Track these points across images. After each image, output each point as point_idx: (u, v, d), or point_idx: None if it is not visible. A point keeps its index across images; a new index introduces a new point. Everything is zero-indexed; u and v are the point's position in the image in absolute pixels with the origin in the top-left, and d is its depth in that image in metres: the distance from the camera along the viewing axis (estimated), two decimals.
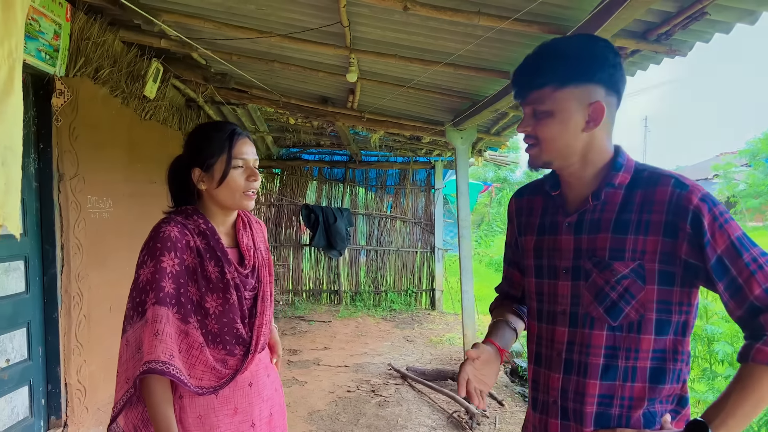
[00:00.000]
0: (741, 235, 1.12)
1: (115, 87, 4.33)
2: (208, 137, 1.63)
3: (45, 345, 3.49)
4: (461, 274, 5.69)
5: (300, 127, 7.80)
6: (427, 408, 4.48)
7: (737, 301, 1.11)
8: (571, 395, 1.26)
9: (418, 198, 8.90)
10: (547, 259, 1.34)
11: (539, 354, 1.35)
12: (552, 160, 1.27)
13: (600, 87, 1.20)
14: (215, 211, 1.68)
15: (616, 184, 1.24)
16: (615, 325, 1.20)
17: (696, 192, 1.14)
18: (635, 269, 1.18)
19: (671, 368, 1.20)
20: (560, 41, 1.25)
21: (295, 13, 3.44)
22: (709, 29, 2.63)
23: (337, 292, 8.89)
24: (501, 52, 3.50)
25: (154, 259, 1.52)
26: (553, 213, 1.35)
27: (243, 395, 1.67)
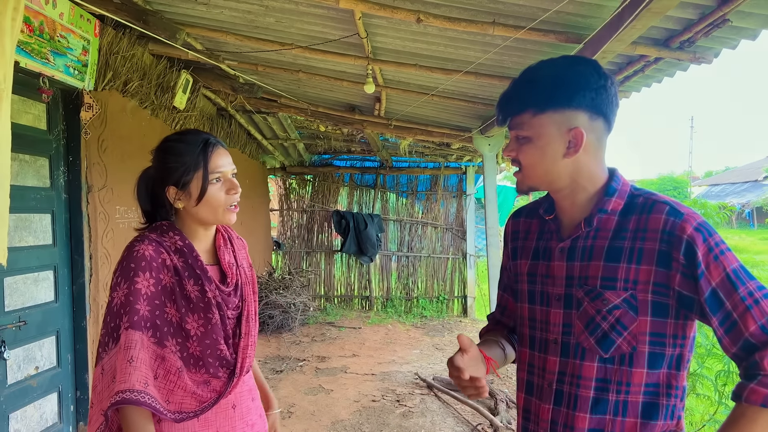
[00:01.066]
0: (737, 267, 1.06)
1: (144, 99, 4.44)
2: (179, 152, 1.51)
3: (74, 352, 3.60)
4: (490, 282, 5.62)
5: (330, 134, 7.85)
6: (451, 419, 4.43)
7: (732, 337, 1.05)
8: (561, 428, 1.21)
9: (449, 204, 8.84)
10: (540, 285, 1.30)
11: (531, 383, 1.31)
12: (536, 185, 1.23)
13: (581, 112, 1.15)
14: (195, 228, 1.59)
15: (609, 209, 1.19)
16: (606, 356, 1.16)
17: (691, 221, 1.09)
18: (627, 299, 1.13)
19: (664, 404, 1.15)
20: (543, 65, 1.21)
21: (314, 25, 3.46)
22: (734, 36, 2.53)
23: (369, 298, 8.90)
24: (522, 60, 3.44)
25: (128, 280, 1.43)
26: (547, 238, 1.31)
27: (225, 418, 1.59)
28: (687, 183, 34.00)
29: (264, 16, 3.44)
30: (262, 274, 7.98)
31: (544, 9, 2.63)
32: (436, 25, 2.82)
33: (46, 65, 3.10)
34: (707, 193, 32.33)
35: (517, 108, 1.20)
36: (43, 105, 3.31)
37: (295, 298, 7.54)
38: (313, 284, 8.86)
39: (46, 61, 3.11)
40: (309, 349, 6.58)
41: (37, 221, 3.28)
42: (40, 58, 3.05)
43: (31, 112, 3.24)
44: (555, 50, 3.14)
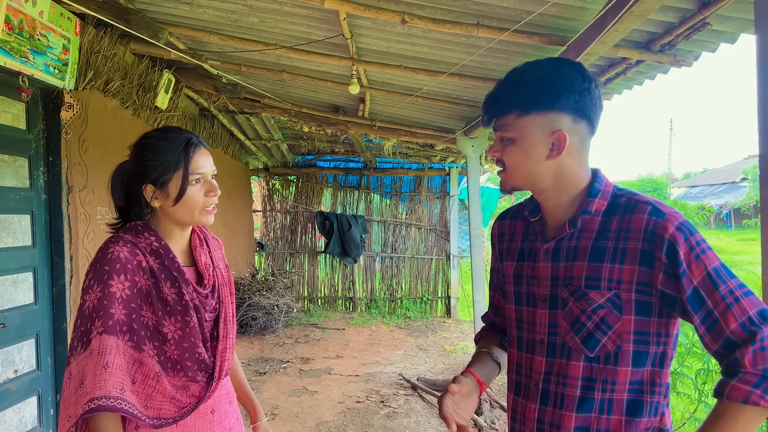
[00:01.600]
0: (718, 266, 1.07)
1: (126, 99, 4.39)
2: (160, 149, 1.47)
3: (54, 355, 3.54)
4: (473, 283, 5.64)
5: (314, 135, 7.83)
6: (435, 420, 4.44)
7: (713, 335, 1.07)
8: (547, 427, 1.22)
9: (433, 205, 8.87)
10: (526, 286, 1.31)
11: (519, 383, 1.32)
12: (519, 185, 1.24)
13: (564, 114, 1.16)
14: (170, 228, 1.54)
15: (592, 210, 1.20)
16: (592, 355, 1.17)
17: (673, 220, 1.10)
18: (611, 299, 1.14)
19: (649, 401, 1.16)
20: (528, 66, 1.22)
21: (298, 25, 3.45)
22: (714, 39, 2.57)
23: (352, 299, 8.89)
24: (506, 62, 3.47)
25: (102, 283, 1.38)
26: (532, 239, 1.32)
27: (204, 423, 1.56)
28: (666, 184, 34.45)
29: (248, 15, 3.42)
30: (245, 276, 7.93)
31: (527, 11, 2.65)
32: (421, 27, 2.83)
33: (25, 64, 3.06)
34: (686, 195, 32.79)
35: (501, 109, 1.20)
36: (22, 104, 3.26)
37: (279, 300, 7.50)
38: (296, 285, 8.83)
39: (26, 60, 3.06)
40: (292, 350, 6.55)
41: (16, 222, 3.23)
42: (19, 56, 3.00)
43: (10, 112, 3.19)
44: (538, 52, 3.17)
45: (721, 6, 2.13)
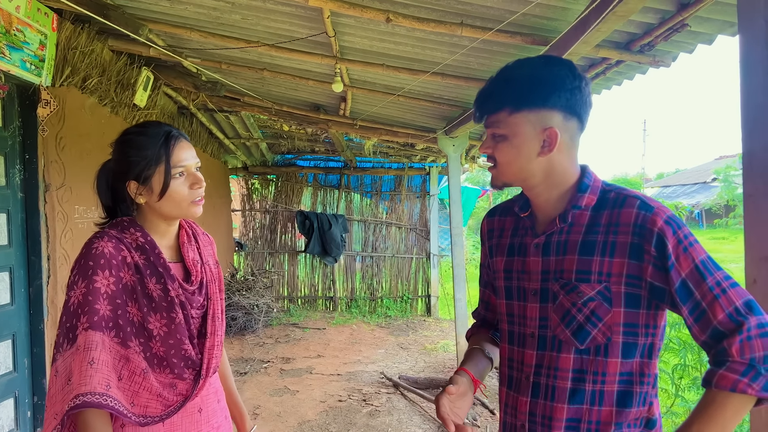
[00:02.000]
0: (705, 258, 1.10)
1: (104, 96, 4.32)
2: (140, 145, 1.45)
3: (31, 357, 3.48)
4: (454, 282, 5.67)
5: (294, 134, 7.80)
6: (418, 417, 4.46)
7: (701, 325, 1.09)
8: (539, 419, 1.24)
9: (413, 204, 8.89)
10: (516, 280, 1.32)
11: (510, 377, 1.34)
12: (510, 181, 1.26)
13: (556, 112, 1.18)
14: (157, 223, 1.53)
15: (582, 205, 1.22)
16: (582, 348, 1.19)
17: (661, 214, 1.13)
18: (601, 291, 1.16)
19: (638, 391, 1.19)
20: (520, 64, 1.24)
21: (281, 23, 3.43)
22: (692, 40, 2.63)
23: (333, 299, 8.87)
24: (488, 61, 3.49)
25: (86, 279, 1.37)
26: (522, 234, 1.34)
27: (191, 422, 1.54)
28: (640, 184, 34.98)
29: (230, 13, 3.40)
30: (225, 276, 7.87)
31: (510, 11, 2.68)
32: (405, 25, 2.84)
33: (1, 60, 3.00)
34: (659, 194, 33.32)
35: (493, 106, 1.22)
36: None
37: (258, 300, 7.46)
38: (276, 285, 8.78)
39: (2, 56, 3.00)
40: (273, 350, 6.52)
41: None
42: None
43: None
44: (521, 52, 3.20)
45: (700, 8, 2.17)
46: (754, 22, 1.20)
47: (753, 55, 1.22)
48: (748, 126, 1.23)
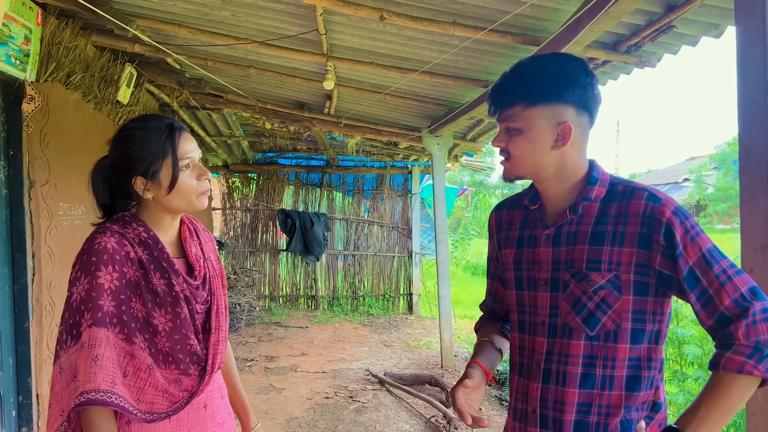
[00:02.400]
0: (711, 247, 1.15)
1: (87, 92, 4.27)
2: (143, 139, 1.43)
3: (16, 355, 3.42)
4: (438, 279, 5.73)
5: (276, 132, 7.77)
6: (405, 413, 4.49)
7: (708, 311, 1.14)
8: (551, 404, 1.28)
9: (395, 203, 8.93)
10: (526, 271, 1.36)
11: (521, 364, 1.38)
12: (523, 174, 1.30)
13: (569, 107, 1.23)
14: (161, 218, 1.52)
15: (592, 197, 1.27)
16: (592, 334, 1.23)
17: (669, 205, 1.18)
18: (611, 280, 1.21)
19: (646, 375, 1.24)
20: (534, 60, 1.28)
21: (271, 20, 3.44)
22: (677, 42, 2.71)
23: (315, 298, 8.86)
24: (477, 61, 3.55)
25: (89, 274, 1.35)
26: (531, 226, 1.38)
27: (197, 418, 1.53)
28: None
29: (219, 9, 3.39)
30: None
31: (502, 11, 2.73)
32: (398, 24, 2.87)
33: None
34: None
35: (509, 101, 1.25)
36: None
37: (240, 299, 7.43)
38: (257, 284, 8.75)
39: None
40: (256, 349, 6.50)
41: None
42: None
43: None
44: (510, 51, 3.26)
45: (688, 10, 2.25)
46: (751, 22, 1.26)
47: (750, 54, 1.28)
48: (745, 122, 1.29)
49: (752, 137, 1.26)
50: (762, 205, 1.26)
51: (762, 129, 1.23)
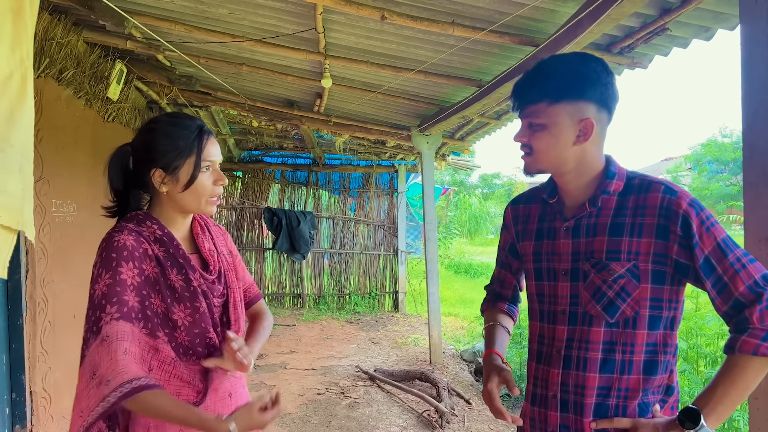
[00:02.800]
0: (725, 237, 1.22)
1: (78, 88, 4.25)
2: (173, 135, 1.47)
3: (9, 352, 3.40)
4: (427, 277, 5.79)
5: (263, 130, 7.77)
6: (397, 408, 4.55)
7: (723, 297, 1.21)
8: (572, 388, 1.34)
9: (381, 201, 8.98)
10: (546, 262, 1.43)
11: (540, 352, 1.44)
12: (545, 168, 1.36)
13: (591, 104, 1.29)
14: (173, 215, 1.55)
15: (610, 191, 1.33)
16: (612, 321, 1.30)
17: (685, 197, 1.25)
18: (630, 269, 1.28)
19: (662, 360, 1.30)
20: (557, 59, 1.34)
21: (269, 18, 3.46)
22: (668, 44, 2.80)
23: (301, 296, 8.87)
24: (471, 60, 3.61)
25: (111, 270, 1.37)
26: (550, 219, 1.44)
27: (224, 406, 1.56)
28: None
29: (217, 7, 3.40)
30: None
31: (500, 12, 2.79)
32: (398, 23, 2.92)
33: None
34: None
35: (533, 97, 1.31)
36: None
37: None
38: None
39: None
40: None
41: None
42: None
43: None
44: (505, 51, 3.33)
45: (682, 13, 2.33)
46: (756, 23, 1.34)
47: (755, 54, 1.35)
48: (749, 120, 1.36)
49: (756, 135, 1.34)
50: (765, 198, 1.33)
51: (765, 127, 1.31)
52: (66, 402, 3.95)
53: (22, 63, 1.26)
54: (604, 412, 1.31)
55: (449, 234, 18.18)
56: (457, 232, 18.78)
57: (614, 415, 1.30)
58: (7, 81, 1.22)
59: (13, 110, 1.27)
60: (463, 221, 22.00)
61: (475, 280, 13.04)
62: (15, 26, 1.20)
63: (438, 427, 4.12)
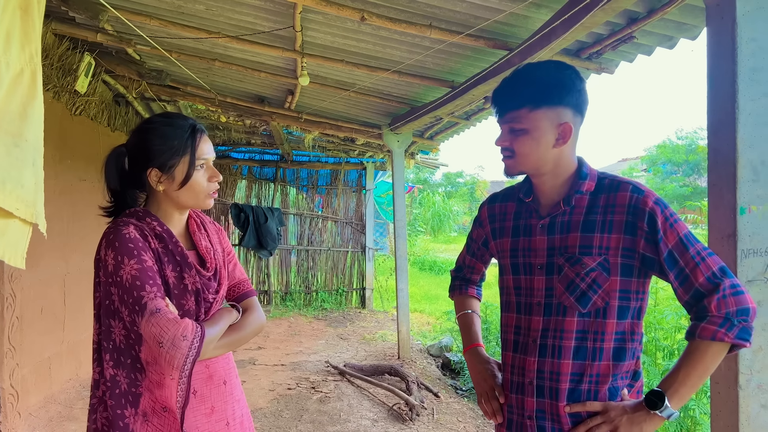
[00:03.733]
0: (687, 232, 1.34)
1: (46, 81, 4.18)
2: (167, 135, 1.51)
3: None
4: (397, 273, 5.88)
5: (231, 125, 7.72)
6: (367, 402, 4.62)
7: (685, 288, 1.32)
8: (547, 375, 1.44)
9: (349, 198, 9.03)
10: (522, 257, 1.52)
11: (516, 342, 1.53)
12: (526, 170, 1.47)
13: (568, 109, 1.39)
14: (171, 212, 1.59)
15: (583, 190, 1.44)
16: (584, 311, 1.40)
17: (651, 196, 1.36)
18: (601, 263, 1.38)
19: (629, 347, 1.41)
20: (534, 67, 1.44)
21: (246, 15, 3.48)
22: (634, 51, 2.94)
23: (267, 293, 8.86)
24: (444, 62, 3.70)
25: (135, 257, 1.42)
26: (527, 217, 1.54)
27: (218, 394, 1.61)
28: None
29: (193, 2, 3.40)
30: None
31: (475, 16, 2.89)
32: (376, 24, 2.98)
33: None
34: None
35: (515, 104, 1.40)
36: None
37: None
38: None
39: None
40: None
41: None
42: None
43: None
44: (478, 54, 3.43)
45: (648, 22, 2.47)
46: (722, 37, 1.46)
47: (720, 66, 1.47)
48: (714, 127, 1.49)
49: (720, 141, 1.46)
50: (728, 199, 1.46)
51: (729, 133, 1.43)
52: (33, 398, 3.89)
53: (32, 59, 1.28)
54: (577, 396, 1.40)
55: (414, 231, 18.35)
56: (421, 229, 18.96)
57: (587, 399, 1.40)
58: (19, 77, 1.24)
59: (25, 106, 1.30)
60: (427, 219, 22.23)
61: (439, 276, 13.21)
62: (24, 23, 1.22)
63: (408, 420, 4.21)
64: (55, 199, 4.31)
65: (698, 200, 15.25)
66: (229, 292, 1.77)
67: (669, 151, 26.53)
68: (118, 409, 1.44)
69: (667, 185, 24.70)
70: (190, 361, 1.39)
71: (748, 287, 1.53)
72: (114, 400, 1.44)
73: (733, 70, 1.42)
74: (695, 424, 3.60)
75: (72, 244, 4.56)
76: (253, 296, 1.80)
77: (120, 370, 1.45)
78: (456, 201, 27.25)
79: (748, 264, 1.51)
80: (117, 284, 1.42)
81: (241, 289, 1.82)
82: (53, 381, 4.34)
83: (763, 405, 1.53)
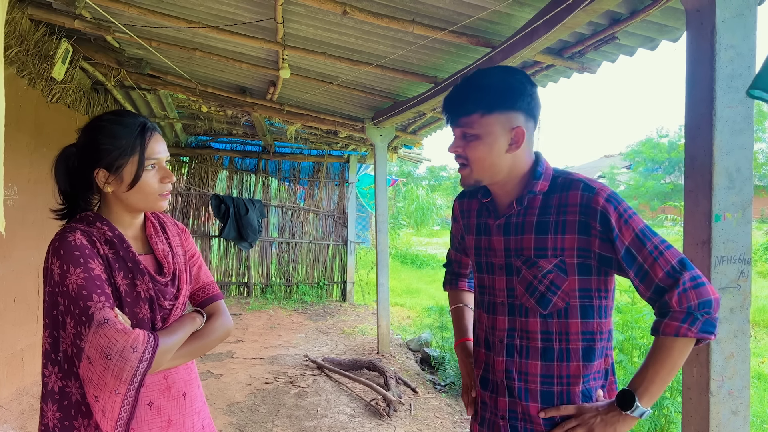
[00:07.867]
0: (643, 227, 1.33)
1: (22, 67, 4.09)
2: (114, 134, 1.44)
3: None
4: (378, 267, 5.86)
5: (213, 116, 7.63)
6: (345, 397, 4.61)
7: (646, 284, 1.31)
8: (515, 375, 1.43)
9: (331, 191, 8.98)
10: (485, 256, 1.52)
11: (486, 339, 1.53)
12: (481, 178, 1.43)
13: (520, 114, 1.38)
14: (122, 215, 1.51)
15: (536, 191, 1.42)
16: (545, 312, 1.39)
17: (602, 194, 1.34)
18: (558, 264, 1.37)
19: (598, 347, 1.41)
20: (485, 73, 1.42)
21: (226, 5, 3.42)
22: (616, 51, 2.94)
23: (247, 285, 8.80)
24: (427, 57, 3.68)
25: (81, 266, 1.36)
26: (486, 216, 1.53)
27: (177, 406, 1.55)
28: None
29: None
30: None
31: (459, 13, 2.87)
32: (359, 18, 2.95)
33: None
34: None
35: (467, 109, 1.38)
36: None
37: None
38: None
39: None
40: None
41: None
42: None
43: None
44: (461, 50, 3.41)
45: (630, 24, 2.46)
46: (701, 44, 1.45)
47: (698, 71, 1.47)
48: (692, 133, 1.48)
49: (697, 147, 1.46)
50: (703, 205, 1.46)
51: (706, 140, 1.43)
52: (5, 391, 3.83)
53: None
54: (549, 399, 1.40)
55: (397, 225, 18.33)
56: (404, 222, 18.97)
57: (560, 401, 1.39)
58: None
59: None
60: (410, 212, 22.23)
61: (421, 270, 13.24)
62: None
63: (386, 415, 4.21)
64: (29, 189, 4.23)
65: (678, 199, 15.45)
66: (193, 297, 1.70)
67: (650, 148, 26.78)
68: (66, 421, 1.39)
69: (648, 182, 24.94)
70: (140, 374, 1.32)
71: (722, 294, 1.53)
72: (63, 412, 1.39)
73: (711, 76, 1.41)
74: (669, 423, 3.64)
75: (47, 234, 4.43)
76: (219, 300, 1.72)
77: (72, 381, 1.40)
78: (440, 194, 27.29)
79: (721, 271, 1.52)
80: (63, 294, 1.36)
81: (206, 293, 1.72)
82: (25, 373, 4.27)
83: (733, 411, 1.54)
